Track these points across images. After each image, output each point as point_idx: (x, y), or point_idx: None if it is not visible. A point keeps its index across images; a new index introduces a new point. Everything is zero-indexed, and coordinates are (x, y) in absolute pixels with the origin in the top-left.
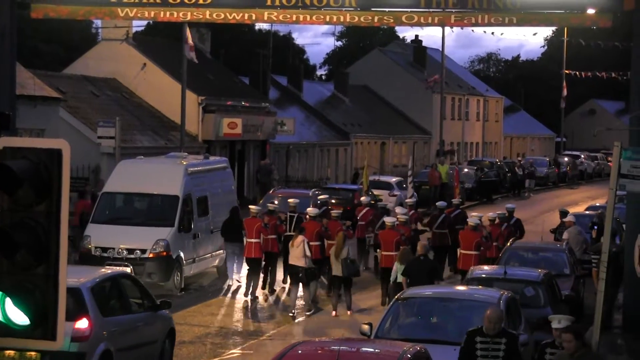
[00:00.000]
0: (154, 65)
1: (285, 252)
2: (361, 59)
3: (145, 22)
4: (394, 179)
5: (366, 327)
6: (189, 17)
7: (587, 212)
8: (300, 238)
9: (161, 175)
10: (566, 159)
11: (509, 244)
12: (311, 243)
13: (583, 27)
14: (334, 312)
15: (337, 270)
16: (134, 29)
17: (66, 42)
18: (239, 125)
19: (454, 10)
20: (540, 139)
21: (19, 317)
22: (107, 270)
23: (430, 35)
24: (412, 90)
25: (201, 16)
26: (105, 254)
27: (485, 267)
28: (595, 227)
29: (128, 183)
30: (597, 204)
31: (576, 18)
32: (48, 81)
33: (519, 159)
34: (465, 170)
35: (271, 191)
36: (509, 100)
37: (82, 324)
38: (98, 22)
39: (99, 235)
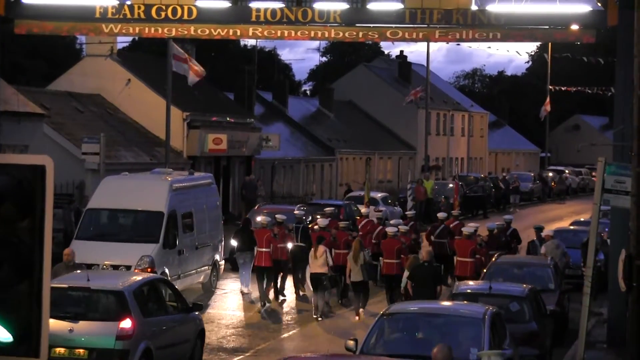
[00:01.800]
0: (139, 81)
1: (293, 260)
2: (346, 74)
3: (129, 38)
4: (379, 195)
5: (352, 342)
6: (173, 33)
7: (571, 227)
8: (322, 248)
9: (146, 192)
10: (551, 174)
11: (493, 259)
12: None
13: (567, 43)
14: (357, 317)
15: (355, 275)
16: (119, 45)
17: (50, 57)
18: (224, 141)
19: (438, 26)
20: (525, 154)
21: (2, 334)
22: (145, 275)
23: (419, 52)
24: (397, 105)
25: (186, 32)
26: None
27: (471, 283)
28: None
29: (112, 199)
30: (582, 219)
31: (560, 34)
32: (32, 97)
33: (504, 174)
34: (451, 185)
35: (256, 207)
36: (493, 115)
37: (126, 323)
38: (82, 38)
39: (83, 251)
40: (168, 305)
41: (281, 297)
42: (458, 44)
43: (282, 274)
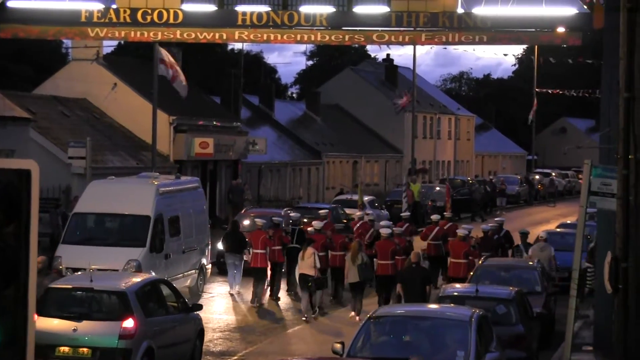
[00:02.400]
0: (125, 85)
1: (289, 261)
2: (333, 78)
3: (115, 42)
4: (366, 198)
5: (338, 345)
6: (159, 37)
7: (558, 229)
8: (310, 250)
9: (132, 196)
10: (537, 176)
11: (480, 261)
12: (320, 254)
13: (553, 46)
14: (352, 313)
15: (353, 277)
16: (105, 49)
17: (36, 62)
18: (210, 144)
19: (424, 29)
20: (512, 157)
21: None
22: (147, 275)
23: (407, 55)
24: (383, 109)
25: (172, 36)
26: None
27: (457, 285)
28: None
29: (99, 203)
30: (569, 222)
31: (546, 36)
32: (18, 101)
33: (491, 177)
34: (437, 188)
35: (243, 211)
36: (480, 118)
37: (129, 323)
38: (68, 42)
39: (70, 256)
40: (169, 306)
41: (275, 297)
42: (445, 47)
43: (277, 275)
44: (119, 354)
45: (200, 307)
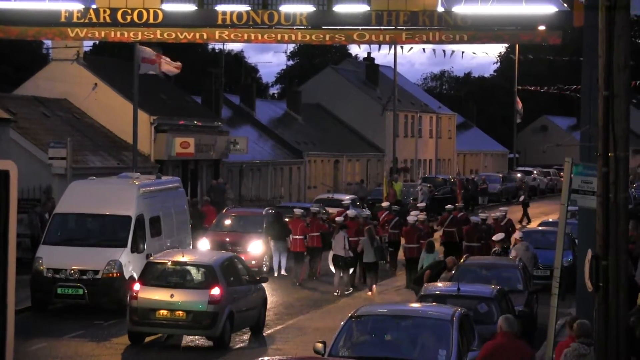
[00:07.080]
0: (105, 85)
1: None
2: (314, 77)
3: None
4: (347, 197)
5: (320, 345)
6: (139, 37)
7: (539, 227)
8: (341, 234)
9: (113, 196)
10: (519, 175)
11: (462, 261)
12: (352, 238)
13: (534, 44)
14: (370, 292)
15: (368, 257)
16: (85, 49)
17: (16, 62)
18: (191, 144)
19: (404, 28)
20: (493, 155)
21: None
22: (226, 252)
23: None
24: (365, 107)
25: (152, 36)
26: (57, 276)
27: (439, 284)
28: None
29: (80, 204)
30: (550, 220)
31: (526, 35)
32: None
33: (472, 176)
34: (419, 187)
35: (224, 210)
36: (461, 117)
37: (216, 291)
38: (48, 42)
39: (50, 256)
40: (242, 278)
41: (314, 277)
42: (423, 50)
43: (315, 258)
44: (208, 316)
45: (265, 279)
